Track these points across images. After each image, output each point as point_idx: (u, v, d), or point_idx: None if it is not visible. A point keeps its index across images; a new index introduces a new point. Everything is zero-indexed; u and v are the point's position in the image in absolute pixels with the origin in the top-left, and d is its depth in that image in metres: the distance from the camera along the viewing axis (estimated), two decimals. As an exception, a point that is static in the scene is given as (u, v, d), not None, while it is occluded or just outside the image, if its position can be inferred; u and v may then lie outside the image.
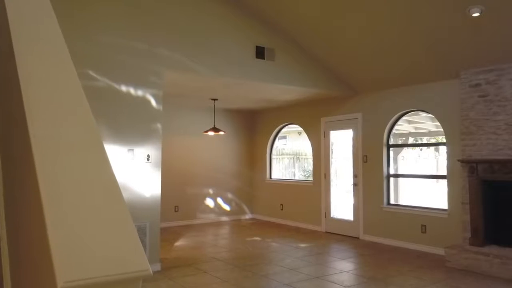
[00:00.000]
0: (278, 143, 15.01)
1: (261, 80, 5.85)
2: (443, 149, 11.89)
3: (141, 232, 4.76)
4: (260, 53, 5.82)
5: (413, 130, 8.26)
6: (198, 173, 8.48)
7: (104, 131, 4.58)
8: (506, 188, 4.81)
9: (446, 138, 5.57)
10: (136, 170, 4.79)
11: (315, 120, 7.66)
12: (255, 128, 9.31)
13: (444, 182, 5.69)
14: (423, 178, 6.39)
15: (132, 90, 4.80)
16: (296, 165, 11.38)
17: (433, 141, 9.23)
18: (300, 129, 9.29)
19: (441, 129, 8.43)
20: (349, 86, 6.70)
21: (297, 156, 11.55)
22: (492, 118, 4.83)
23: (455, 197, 5.36)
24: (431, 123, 7.54)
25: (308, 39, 5.88)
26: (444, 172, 5.62)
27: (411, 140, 9.07)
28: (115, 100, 4.68)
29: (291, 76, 6.10)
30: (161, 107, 5.03)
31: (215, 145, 8.71)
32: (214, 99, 7.45)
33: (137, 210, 4.75)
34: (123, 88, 4.73)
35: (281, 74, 6.00)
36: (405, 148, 8.73)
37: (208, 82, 5.85)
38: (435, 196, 7.65)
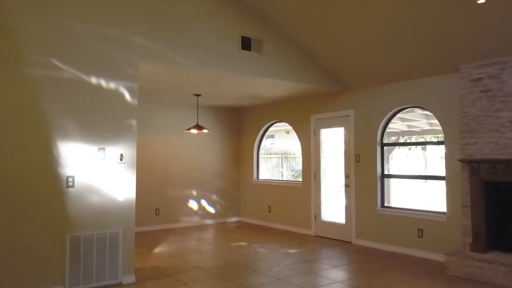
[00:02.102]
0: (265, 142, 14.64)
1: (247, 74, 5.42)
2: (431, 148, 11.77)
3: (113, 240, 4.30)
4: (246, 44, 5.39)
5: (405, 129, 7.94)
6: (180, 173, 8.01)
7: (71, 128, 4.09)
8: (509, 189, 4.48)
9: (444, 137, 5.23)
10: (108, 171, 4.32)
11: (304, 117, 7.27)
12: (241, 126, 8.88)
13: (435, 183, 5.35)
14: (420, 179, 6.07)
15: (103, 82, 4.32)
16: (284, 164, 11.07)
17: (422, 140, 8.93)
18: (288, 127, 8.88)
19: (435, 128, 8.18)
20: (340, 81, 6.32)
21: (285, 155, 11.26)
22: (495, 114, 4.49)
23: (455, 199, 5.02)
24: (425, 121, 7.21)
25: (298, 30, 5.47)
26: (436, 172, 5.27)
27: (403, 140, 8.75)
28: (84, 93, 4.19)
29: (279, 70, 5.69)
30: (136, 102, 4.56)
31: (198, 144, 8.25)
32: (197, 95, 7.00)
33: (108, 216, 4.29)
34: (93, 80, 4.25)
35: (268, 67, 5.58)
36: (396, 148, 8.42)
37: (189, 75, 5.39)
38: (429, 197, 7.34)
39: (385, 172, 6.08)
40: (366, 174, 6.17)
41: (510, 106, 4.38)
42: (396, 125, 7.55)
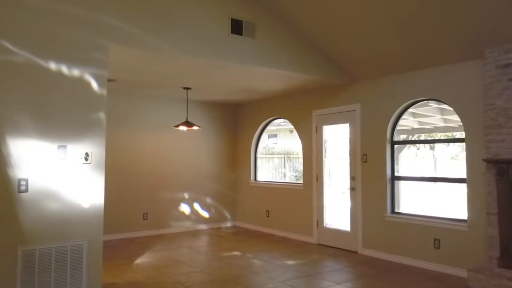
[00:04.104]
0: (268, 142, 14.01)
1: (238, 61, 4.77)
2: (440, 148, 11.02)
3: (76, 253, 3.65)
4: (236, 27, 4.74)
5: (417, 126, 7.23)
6: (171, 174, 7.37)
7: (24, 122, 3.46)
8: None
9: (465, 133, 4.53)
10: (70, 173, 3.68)
11: (305, 113, 6.59)
12: (238, 123, 8.22)
13: (452, 186, 4.64)
14: (436, 182, 5.37)
15: (64, 69, 3.68)
16: (287, 165, 10.48)
17: (437, 138, 8.22)
18: (291, 127, 8.26)
19: (450, 124, 7.46)
20: (345, 72, 5.63)
21: (288, 155, 10.68)
22: (529, 106, 3.79)
23: (478, 205, 4.32)
24: (439, 116, 6.49)
25: (296, 12, 4.81)
26: (447, 173, 4.55)
27: (415, 138, 8.03)
28: (41, 81, 3.55)
29: (275, 58, 5.02)
30: (105, 92, 3.91)
31: (190, 143, 7.60)
32: (187, 88, 6.35)
33: (70, 225, 3.65)
34: (52, 66, 3.61)
35: (263, 54, 4.92)
36: (406, 147, 7.72)
37: (172, 63, 4.75)
38: (445, 203, 6.63)
39: (396, 174, 5.39)
40: (374, 175, 5.48)
41: (547, 96, 3.68)
42: (406, 121, 6.84)
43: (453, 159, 10.74)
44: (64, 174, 3.64)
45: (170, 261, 5.33)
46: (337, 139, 6.27)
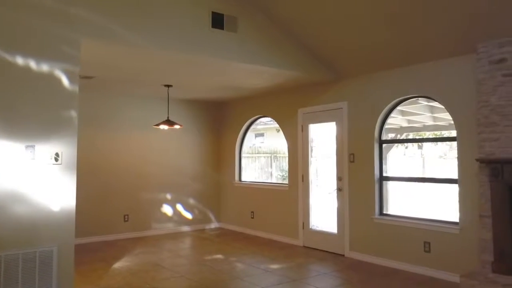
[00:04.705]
0: (255, 141, 13.77)
1: (220, 57, 4.51)
2: (428, 147, 10.92)
3: (45, 260, 3.37)
4: (217, 21, 4.49)
5: (405, 124, 7.06)
6: (153, 174, 7.08)
7: (-17, 119, 3.16)
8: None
9: (457, 132, 4.35)
10: (39, 174, 3.40)
11: (291, 111, 6.37)
12: (221, 122, 7.95)
13: (442, 186, 4.48)
14: (426, 182, 5.20)
15: (33, 64, 3.41)
16: (273, 164, 10.29)
17: (426, 137, 8.08)
18: (278, 126, 8.05)
19: (439, 123, 7.31)
20: (332, 68, 5.41)
21: (275, 154, 10.50)
22: (523, 103, 3.63)
23: (470, 207, 4.15)
24: (429, 114, 6.33)
25: (280, 6, 4.57)
26: (435, 173, 4.37)
27: (403, 137, 7.87)
28: (7, 76, 3.28)
29: (259, 53, 4.78)
30: (76, 89, 3.64)
31: (172, 142, 7.32)
32: (168, 86, 6.07)
33: (39, 230, 3.38)
34: (19, 61, 3.33)
35: (246, 49, 4.68)
36: (394, 147, 7.56)
37: (150, 58, 4.47)
38: (435, 204, 6.48)
39: (384, 174, 5.20)
40: (362, 176, 5.29)
41: (543, 93, 3.51)
42: (395, 120, 6.67)
43: (442, 158, 10.65)
44: (32, 175, 3.37)
45: (149, 265, 5.06)
46: (323, 138, 6.06)
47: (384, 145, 5.28)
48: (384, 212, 5.15)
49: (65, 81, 3.57)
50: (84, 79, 5.36)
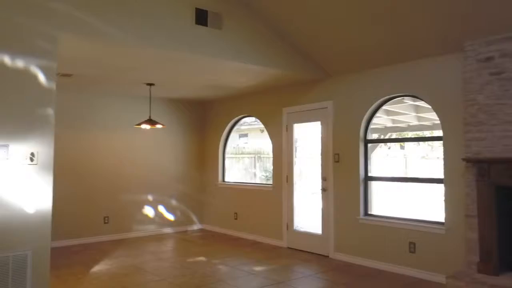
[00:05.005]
0: (239, 141, 13.64)
1: (204, 54, 4.37)
2: (409, 147, 10.99)
3: (19, 265, 3.19)
4: (201, 18, 4.35)
5: (390, 124, 7.06)
6: (133, 175, 6.87)
7: None
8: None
9: (443, 131, 4.32)
10: (12, 175, 3.22)
11: (275, 111, 6.27)
12: (204, 121, 7.80)
13: (428, 186, 4.45)
14: (411, 182, 5.17)
15: (7, 59, 3.25)
16: (257, 165, 10.19)
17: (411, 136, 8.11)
18: (262, 126, 7.95)
19: (425, 123, 7.35)
20: (318, 66, 5.34)
21: (259, 155, 10.41)
22: (510, 102, 3.61)
23: (456, 207, 4.12)
24: (414, 114, 6.33)
25: (266, 3, 4.46)
26: (417, 173, 4.34)
27: (387, 137, 7.88)
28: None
29: (244, 51, 4.66)
30: (54, 85, 3.47)
31: (154, 142, 7.13)
32: (150, 84, 5.89)
33: (12, 233, 3.20)
34: (-10, 54, 3.13)
35: (230, 47, 4.55)
36: (378, 147, 7.55)
37: (131, 55, 4.31)
38: (420, 204, 6.48)
39: (369, 174, 5.15)
40: (347, 176, 5.22)
41: (529, 92, 3.50)
42: (380, 119, 6.65)
43: (424, 158, 10.74)
44: (5, 176, 3.19)
45: (129, 269, 4.87)
46: (308, 138, 5.98)
47: (369, 145, 5.23)
48: (369, 213, 5.10)
49: (41, 77, 3.40)
50: (63, 77, 5.15)
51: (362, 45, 4.59)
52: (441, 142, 4.36)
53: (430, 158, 10.22)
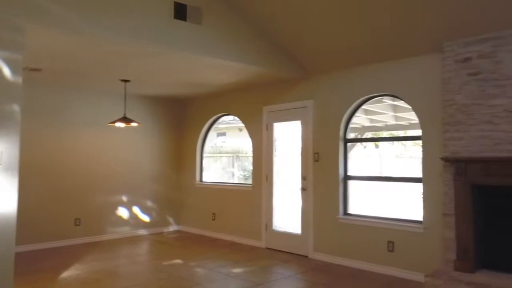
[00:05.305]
0: (217, 140, 13.48)
1: (182, 50, 4.24)
2: (384, 146, 11.14)
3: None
4: (180, 12, 4.22)
5: (368, 124, 7.10)
6: (106, 175, 6.63)
7: None
8: (506, 195, 3.66)
9: (422, 131, 4.34)
10: (-31, 175, 2.98)
11: (256, 109, 6.18)
12: (182, 120, 7.63)
13: (406, 185, 4.47)
14: (391, 181, 5.19)
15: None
16: (236, 164, 10.07)
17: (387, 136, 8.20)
18: (241, 125, 7.83)
19: (401, 122, 7.43)
20: (299, 65, 5.28)
21: (237, 154, 10.29)
22: (487, 102, 3.66)
23: (434, 206, 4.15)
24: (392, 113, 6.38)
25: (246, -3, 4.38)
26: (392, 172, 4.37)
27: (369, 136, 7.93)
28: None
29: (224, 47, 4.55)
30: (20, 79, 3.27)
31: (129, 141, 6.90)
32: (125, 81, 5.69)
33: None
34: None
35: (209, 43, 4.43)
36: (355, 146, 7.59)
37: (105, 49, 4.11)
38: (399, 203, 6.53)
39: (348, 173, 5.14)
40: (326, 175, 5.20)
41: (506, 92, 3.55)
42: (358, 119, 6.67)
43: (398, 158, 10.90)
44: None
45: (102, 273, 4.67)
46: (288, 137, 5.92)
47: (348, 144, 5.22)
48: (348, 212, 5.09)
49: (6, 71, 3.19)
50: (32, 71, 4.90)
51: (343, 45, 4.57)
52: (415, 141, 4.38)
53: (404, 157, 10.38)
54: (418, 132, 4.43)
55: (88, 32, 3.61)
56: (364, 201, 6.34)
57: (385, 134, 8.60)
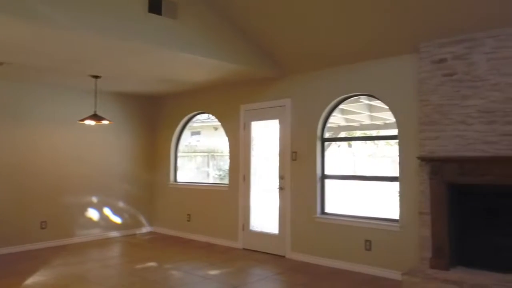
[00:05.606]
0: (191, 139, 13.26)
1: (157, 45, 4.09)
2: (357, 146, 11.31)
3: None
4: (155, 5, 4.08)
5: (343, 123, 7.15)
6: (76, 176, 6.36)
7: None
8: (479, 194, 3.74)
9: (398, 130, 4.38)
10: None
11: (233, 108, 6.09)
12: (156, 118, 7.43)
13: (382, 185, 4.51)
14: (367, 180, 5.23)
15: None
16: (211, 163, 9.94)
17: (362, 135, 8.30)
18: (216, 123, 7.70)
19: (376, 122, 7.53)
20: (276, 63, 5.23)
21: (212, 153, 10.16)
22: (461, 103, 3.73)
23: (410, 204, 4.20)
24: (367, 113, 6.44)
25: (224, -8, 4.28)
26: (365, 172, 4.40)
27: (342, 135, 7.98)
28: None
29: (200, 43, 4.43)
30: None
31: (99, 139, 6.65)
32: (96, 77, 5.46)
33: None
34: None
35: (185, 38, 4.30)
36: (330, 145, 7.62)
37: (74, 42, 3.90)
38: (375, 202, 6.60)
39: (326, 172, 5.14)
40: (304, 174, 5.18)
41: (480, 93, 3.62)
42: (334, 118, 6.70)
43: (371, 157, 11.08)
44: None
45: (70, 279, 4.45)
46: (266, 136, 5.87)
47: (326, 143, 5.22)
48: (326, 211, 5.08)
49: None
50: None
51: (320, 44, 4.55)
52: (387, 141, 4.42)
53: (376, 157, 10.56)
54: (392, 132, 4.48)
55: (59, 25, 3.41)
56: (341, 200, 6.38)
57: (359, 133, 8.71)
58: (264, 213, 5.79)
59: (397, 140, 4.40)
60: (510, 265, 3.51)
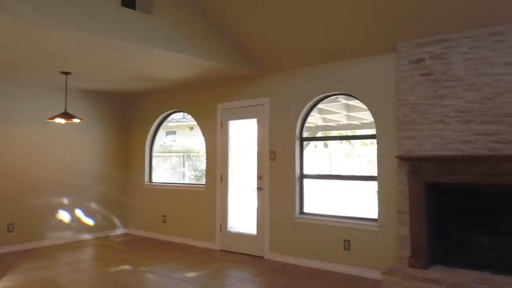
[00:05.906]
0: (166, 139, 13.01)
1: (130, 40, 3.94)
2: (334, 145, 11.41)
3: None
4: (128, -1, 3.92)
5: (321, 123, 7.15)
6: (45, 176, 6.09)
7: None
8: (456, 193, 3.77)
9: (376, 130, 4.39)
10: None
11: (210, 107, 5.97)
12: (129, 116, 7.21)
13: (360, 184, 4.51)
14: (346, 180, 5.22)
15: None
16: (186, 164, 9.78)
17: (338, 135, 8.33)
18: (192, 123, 7.54)
19: (353, 122, 7.56)
20: (254, 62, 5.15)
21: (188, 153, 10.00)
22: (439, 102, 3.75)
23: (389, 204, 4.20)
24: (344, 113, 6.46)
25: (201, -14, 4.17)
26: (342, 171, 4.41)
27: (319, 135, 7.98)
28: None
29: (175, 39, 4.30)
30: None
31: (70, 138, 6.39)
32: (66, 73, 5.23)
33: None
34: None
35: (160, 34, 4.17)
36: (308, 145, 7.62)
37: (43, 36, 3.70)
38: (354, 202, 6.63)
39: (304, 172, 5.10)
40: (283, 174, 5.12)
41: (457, 93, 3.66)
42: (312, 118, 6.68)
43: (347, 156, 11.18)
44: None
45: (40, 284, 4.23)
46: (244, 135, 5.78)
47: (304, 142, 5.18)
48: (304, 211, 5.05)
49: None
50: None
51: (298, 43, 4.51)
52: (362, 141, 4.43)
53: (352, 156, 10.66)
54: (370, 132, 4.47)
55: (26, 17, 3.22)
56: (320, 200, 6.37)
57: (335, 133, 8.76)
58: (242, 214, 5.70)
59: (375, 140, 4.41)
60: (488, 263, 3.56)
